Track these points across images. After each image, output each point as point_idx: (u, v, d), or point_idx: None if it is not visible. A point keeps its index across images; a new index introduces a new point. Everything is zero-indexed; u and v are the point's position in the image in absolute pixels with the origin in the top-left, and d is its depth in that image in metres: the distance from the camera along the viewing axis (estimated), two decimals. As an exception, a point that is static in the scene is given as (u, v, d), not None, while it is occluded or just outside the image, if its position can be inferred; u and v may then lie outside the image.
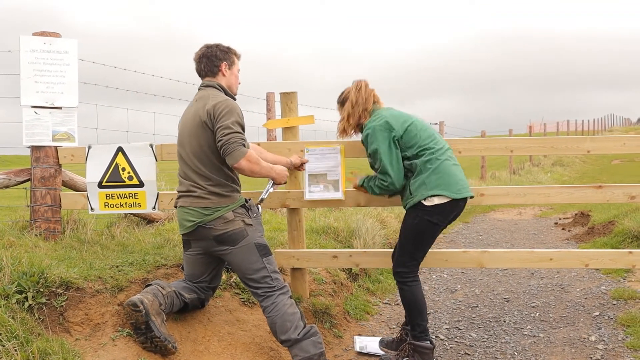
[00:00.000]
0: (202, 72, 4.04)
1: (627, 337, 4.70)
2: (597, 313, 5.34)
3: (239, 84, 4.19)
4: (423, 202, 4.04)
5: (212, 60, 3.99)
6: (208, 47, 4.03)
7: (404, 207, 4.24)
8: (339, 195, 4.69)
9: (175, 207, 4.03)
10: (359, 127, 4.35)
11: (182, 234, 4.01)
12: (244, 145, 3.71)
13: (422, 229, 4.11)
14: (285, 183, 4.42)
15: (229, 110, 3.74)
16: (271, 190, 4.34)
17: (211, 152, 3.81)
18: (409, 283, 4.20)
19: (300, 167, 4.69)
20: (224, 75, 4.03)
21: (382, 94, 4.39)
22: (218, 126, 3.71)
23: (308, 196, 4.74)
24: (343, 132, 4.38)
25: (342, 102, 4.41)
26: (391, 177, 4.07)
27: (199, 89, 4.05)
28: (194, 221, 3.84)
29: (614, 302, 5.58)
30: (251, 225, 3.90)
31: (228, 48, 4.07)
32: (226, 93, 3.97)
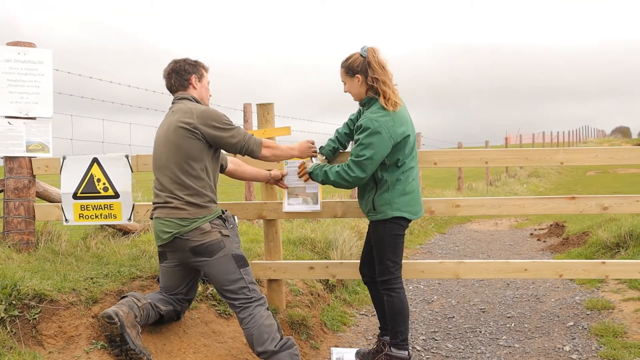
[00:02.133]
0: (172, 87, 4.07)
1: (600, 347, 4.75)
2: (572, 323, 5.39)
3: (210, 96, 4.22)
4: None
5: (182, 74, 4.02)
6: (176, 62, 4.06)
7: (366, 216, 4.27)
8: (317, 208, 4.70)
9: (151, 218, 4.00)
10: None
11: (158, 246, 3.98)
12: (253, 138, 4.02)
13: (394, 233, 4.15)
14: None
15: (219, 115, 3.90)
16: (314, 161, 4.40)
17: (192, 159, 3.82)
18: (397, 290, 4.22)
19: (280, 181, 4.68)
20: (194, 88, 4.06)
21: (344, 105, 4.28)
22: (221, 135, 3.86)
23: (287, 208, 4.74)
24: (393, 105, 4.00)
25: (356, 67, 4.08)
26: (362, 178, 3.99)
27: (173, 103, 4.06)
28: (171, 232, 3.81)
29: (588, 312, 5.64)
30: (228, 236, 3.90)
31: (196, 61, 4.11)
32: None
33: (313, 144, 4.42)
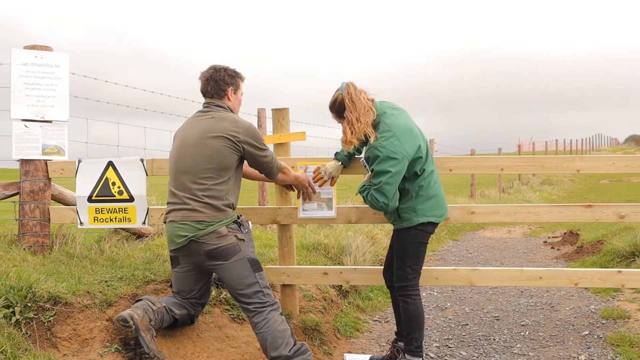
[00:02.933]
0: (207, 94, 4.09)
1: (616, 357, 4.70)
2: (587, 332, 5.34)
3: (241, 106, 4.27)
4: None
5: (220, 85, 4.05)
6: (216, 70, 4.08)
7: (392, 224, 4.26)
8: (332, 214, 4.69)
9: (165, 222, 4.00)
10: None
11: (171, 250, 3.98)
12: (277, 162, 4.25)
13: (418, 240, 4.16)
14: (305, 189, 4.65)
15: (260, 135, 4.05)
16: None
17: (223, 167, 3.88)
18: (413, 296, 4.22)
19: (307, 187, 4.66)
20: (229, 99, 4.10)
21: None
22: (258, 154, 4.02)
23: (302, 214, 4.73)
24: (348, 143, 4.10)
25: (337, 109, 4.15)
26: (387, 204, 4.00)
27: (208, 106, 4.07)
28: (186, 235, 3.81)
29: (604, 322, 5.58)
30: (243, 240, 3.90)
31: (235, 72, 4.13)
32: None
33: (309, 183, 4.63)
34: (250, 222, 4.16)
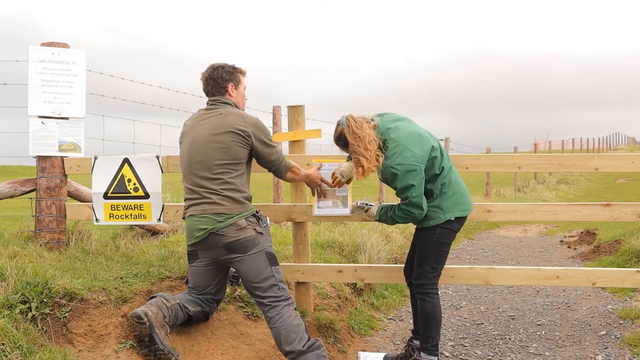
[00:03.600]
0: (209, 93, 4.14)
1: (634, 357, 4.65)
2: (604, 332, 5.29)
3: (246, 99, 4.28)
4: None
5: (219, 82, 4.08)
6: (214, 68, 4.11)
7: (417, 226, 4.23)
8: (347, 211, 4.66)
9: (184, 218, 4.02)
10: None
11: (190, 244, 3.99)
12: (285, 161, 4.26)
13: (442, 240, 4.15)
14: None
15: (268, 131, 4.09)
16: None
17: (236, 161, 3.92)
18: (432, 294, 4.21)
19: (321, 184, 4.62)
20: (230, 95, 4.12)
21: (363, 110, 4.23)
22: (265, 150, 4.04)
23: (317, 212, 4.71)
24: (368, 171, 4.07)
25: (343, 143, 4.19)
26: (422, 210, 4.03)
27: (214, 103, 4.09)
28: (206, 228, 3.82)
29: (621, 322, 5.53)
30: (262, 234, 3.92)
31: (233, 68, 4.15)
32: None
33: (321, 180, 4.57)
34: (268, 219, 4.17)
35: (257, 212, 4.00)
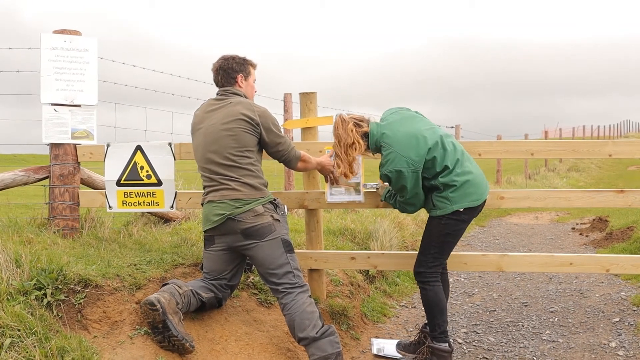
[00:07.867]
0: (219, 83, 4.19)
1: (648, 344, 4.64)
2: (617, 319, 5.27)
3: (255, 92, 4.33)
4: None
5: (229, 73, 4.13)
6: (225, 59, 4.17)
7: (428, 212, 4.22)
8: (360, 198, 4.66)
9: (202, 204, 4.05)
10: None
11: (207, 229, 4.01)
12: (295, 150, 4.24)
13: (447, 231, 4.10)
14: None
15: (276, 120, 4.12)
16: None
17: (248, 149, 3.95)
18: (432, 283, 4.18)
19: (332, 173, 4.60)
20: (240, 86, 4.17)
21: (354, 99, 4.22)
22: (273, 139, 4.06)
23: (330, 199, 4.70)
24: (345, 176, 4.24)
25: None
26: (415, 207, 4.18)
27: (224, 93, 4.13)
28: (223, 214, 3.85)
29: (634, 309, 5.51)
30: (279, 221, 3.95)
31: (244, 59, 4.20)
32: None
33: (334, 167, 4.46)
34: (286, 206, 4.19)
35: (274, 200, 4.02)
